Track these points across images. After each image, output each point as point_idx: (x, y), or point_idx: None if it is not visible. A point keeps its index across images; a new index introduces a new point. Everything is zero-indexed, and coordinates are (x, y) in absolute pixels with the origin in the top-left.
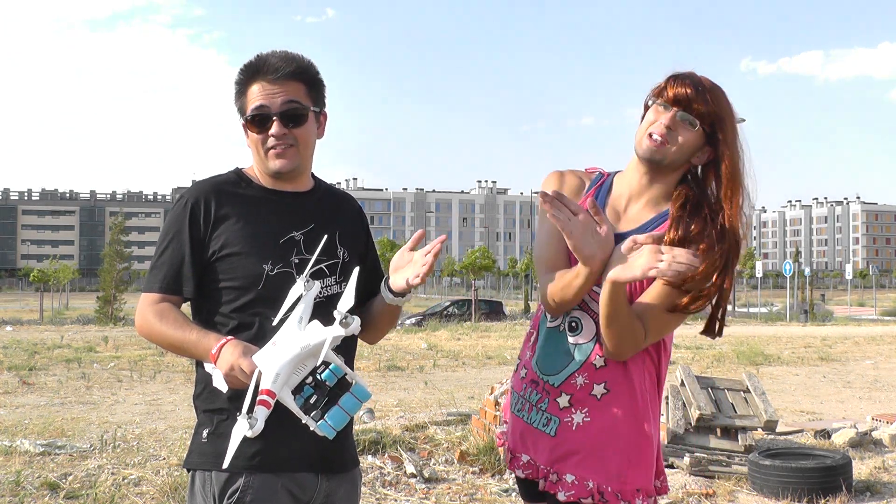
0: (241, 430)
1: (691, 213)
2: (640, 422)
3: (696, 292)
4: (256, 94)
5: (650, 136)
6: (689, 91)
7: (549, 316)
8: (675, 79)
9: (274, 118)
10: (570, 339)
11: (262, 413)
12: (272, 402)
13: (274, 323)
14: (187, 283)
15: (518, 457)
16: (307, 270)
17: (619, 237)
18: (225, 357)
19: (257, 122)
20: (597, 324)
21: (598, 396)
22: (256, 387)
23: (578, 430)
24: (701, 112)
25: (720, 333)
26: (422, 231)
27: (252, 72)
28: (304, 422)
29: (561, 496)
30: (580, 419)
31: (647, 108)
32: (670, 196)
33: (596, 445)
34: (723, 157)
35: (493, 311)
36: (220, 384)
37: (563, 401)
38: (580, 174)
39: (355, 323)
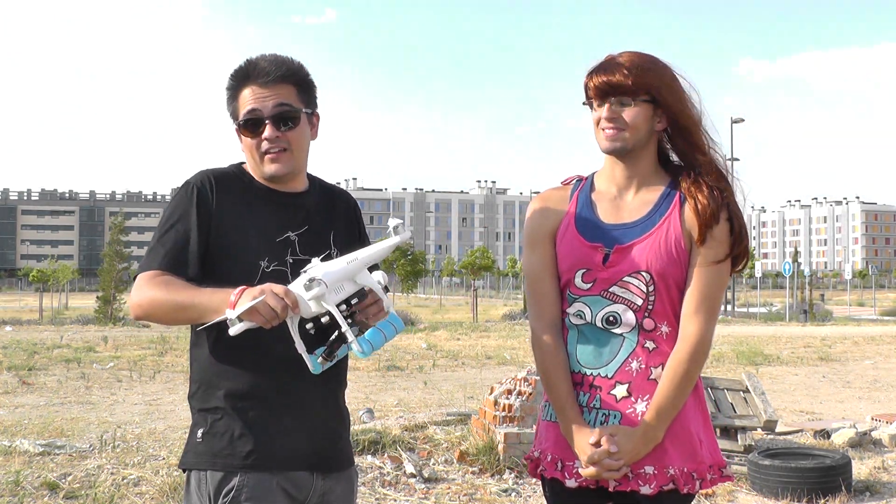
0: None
1: (704, 186)
2: (700, 397)
3: (741, 247)
4: (248, 99)
5: (603, 131)
6: (605, 79)
7: (572, 315)
8: (592, 73)
9: (266, 122)
10: (614, 331)
11: (321, 285)
12: (326, 287)
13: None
14: (190, 266)
15: (570, 465)
16: (326, 256)
17: (627, 227)
18: (250, 291)
19: (250, 126)
20: (635, 312)
21: (658, 380)
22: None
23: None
24: (628, 89)
25: (748, 258)
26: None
27: (242, 76)
28: (343, 330)
29: (645, 490)
30: (643, 407)
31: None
32: (658, 172)
33: (668, 430)
34: (675, 114)
35: None
36: (241, 324)
37: (620, 391)
38: (558, 189)
39: (407, 232)
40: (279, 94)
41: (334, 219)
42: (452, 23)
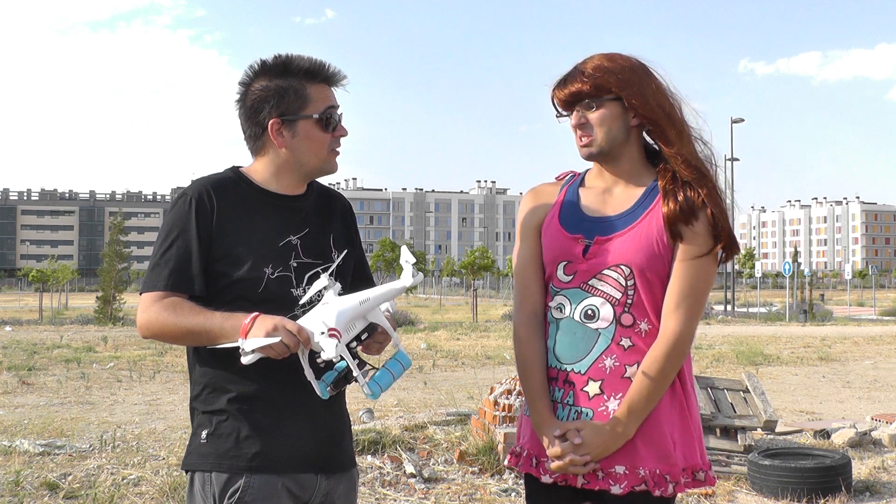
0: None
1: (681, 183)
2: (678, 398)
3: (726, 240)
4: (325, 96)
5: (577, 141)
6: (567, 90)
7: (554, 309)
8: (555, 90)
9: (340, 122)
10: (591, 326)
11: (332, 342)
12: (340, 339)
13: (302, 300)
14: (196, 281)
15: (545, 461)
16: (331, 269)
17: (610, 219)
18: (264, 322)
19: (331, 121)
20: (614, 307)
21: (633, 378)
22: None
23: None
24: (586, 92)
25: (737, 249)
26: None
27: (315, 73)
28: (355, 374)
29: (616, 489)
30: (616, 406)
31: None
32: (645, 167)
33: (639, 430)
34: (638, 108)
35: None
36: (252, 355)
37: (593, 388)
38: (550, 184)
39: (420, 275)
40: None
41: (332, 221)
42: (452, 23)
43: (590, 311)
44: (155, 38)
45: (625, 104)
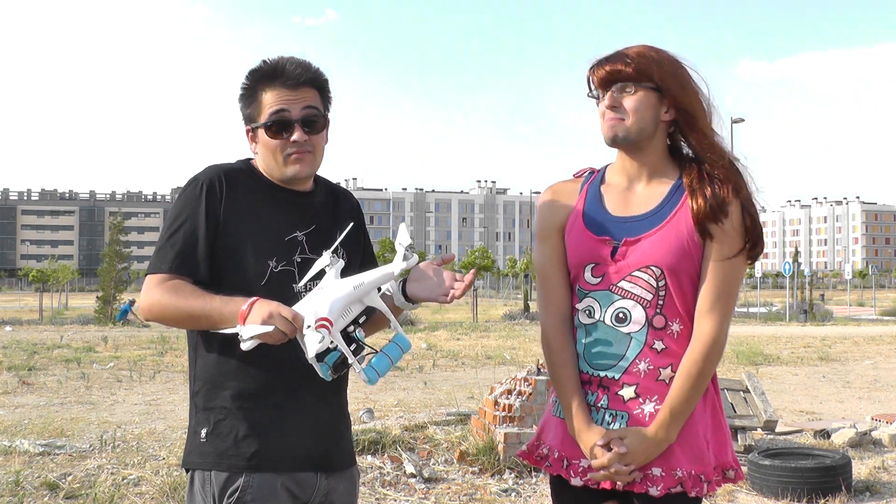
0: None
1: (708, 180)
2: (709, 397)
3: (755, 239)
4: (274, 100)
5: (605, 122)
6: (607, 68)
7: (581, 312)
8: (593, 68)
9: (295, 124)
10: (622, 329)
11: (317, 336)
12: (331, 328)
13: (298, 286)
14: (201, 265)
15: (576, 463)
16: (332, 247)
17: (636, 219)
18: (260, 308)
19: (278, 127)
20: (645, 309)
21: (668, 381)
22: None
23: (653, 421)
24: (629, 74)
25: (763, 247)
26: (453, 256)
27: (266, 77)
28: (350, 362)
29: (653, 491)
30: (652, 409)
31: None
32: (668, 164)
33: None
34: (679, 101)
35: None
36: (250, 342)
37: (628, 392)
38: (569, 182)
39: (415, 258)
40: (305, 98)
41: (340, 218)
42: (452, 23)
43: (621, 315)
44: (156, 37)
45: (661, 96)
